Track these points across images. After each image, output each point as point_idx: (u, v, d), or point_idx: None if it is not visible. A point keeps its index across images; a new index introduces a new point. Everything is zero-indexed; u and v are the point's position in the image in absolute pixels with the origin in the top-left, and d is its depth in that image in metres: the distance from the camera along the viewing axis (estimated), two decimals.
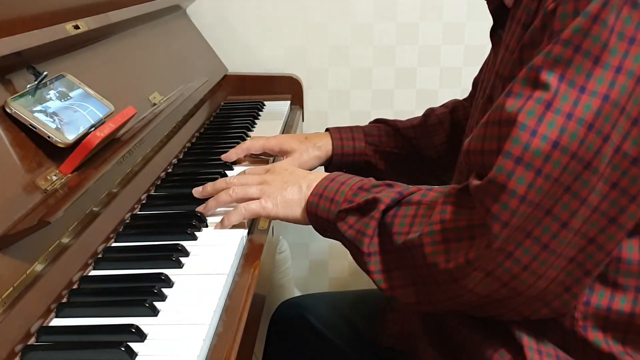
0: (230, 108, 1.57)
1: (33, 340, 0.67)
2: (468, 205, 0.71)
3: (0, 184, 0.70)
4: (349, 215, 0.80)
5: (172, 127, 1.21)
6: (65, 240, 0.78)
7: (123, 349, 0.62)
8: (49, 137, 0.79)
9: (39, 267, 0.72)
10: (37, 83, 0.82)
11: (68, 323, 0.70)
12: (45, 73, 0.83)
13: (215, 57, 1.65)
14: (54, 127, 0.80)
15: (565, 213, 0.65)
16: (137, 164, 1.02)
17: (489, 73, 0.85)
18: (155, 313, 0.70)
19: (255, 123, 1.45)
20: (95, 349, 0.65)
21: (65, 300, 0.74)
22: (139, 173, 1.01)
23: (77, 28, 0.94)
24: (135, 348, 0.64)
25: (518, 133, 0.65)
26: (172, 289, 0.75)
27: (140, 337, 0.65)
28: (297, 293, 1.81)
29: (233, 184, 0.92)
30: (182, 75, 1.36)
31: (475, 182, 0.69)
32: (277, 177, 0.91)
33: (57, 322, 0.70)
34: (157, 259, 0.81)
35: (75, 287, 0.77)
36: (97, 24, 1.01)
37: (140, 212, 0.97)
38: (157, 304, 0.71)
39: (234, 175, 0.96)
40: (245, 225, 0.90)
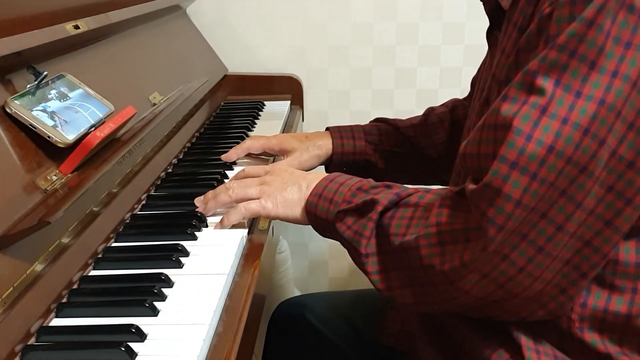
0: (230, 108, 1.57)
1: (33, 340, 0.67)
2: (464, 209, 0.71)
3: (0, 184, 0.70)
4: (347, 216, 0.80)
5: (172, 127, 1.21)
6: (65, 240, 0.78)
7: (123, 349, 0.62)
8: (49, 137, 0.79)
9: (39, 267, 0.72)
10: (37, 83, 0.82)
11: (68, 323, 0.70)
12: (45, 73, 0.83)
13: (215, 57, 1.65)
14: (54, 127, 0.80)
15: (561, 216, 0.65)
16: (137, 164, 1.02)
17: (486, 74, 0.85)
18: (155, 313, 0.70)
19: (255, 123, 1.45)
20: (95, 349, 0.65)
21: (65, 300, 0.74)
22: (139, 173, 1.01)
23: (77, 28, 0.94)
24: (135, 348, 0.64)
25: (513, 138, 0.64)
26: (172, 289, 0.75)
27: (140, 337, 0.65)
28: (297, 293, 1.81)
29: (233, 187, 0.92)
30: (182, 75, 1.36)
31: (471, 186, 0.69)
32: (276, 177, 0.91)
33: (57, 322, 0.70)
34: (157, 259, 0.81)
35: (75, 287, 0.77)
36: (97, 24, 1.01)
37: (140, 212, 0.97)
38: (157, 304, 0.71)
39: (234, 178, 0.96)
40: (245, 225, 0.90)
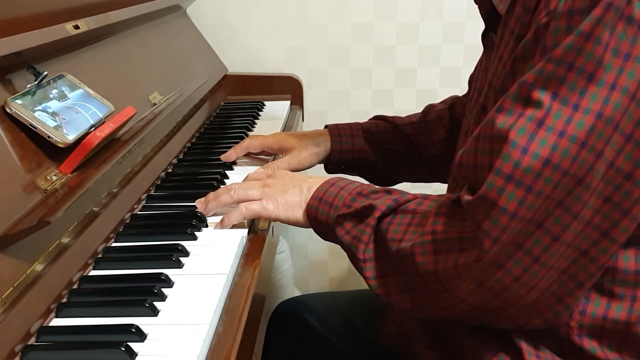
0: (230, 108, 1.57)
1: (33, 340, 0.67)
2: (460, 217, 0.71)
3: (0, 184, 0.70)
4: (347, 221, 0.80)
5: (172, 127, 1.21)
6: (65, 240, 0.78)
7: (123, 349, 0.62)
8: (49, 137, 0.79)
9: (39, 267, 0.72)
10: (37, 83, 0.82)
11: (68, 323, 0.70)
12: (45, 73, 0.83)
13: (215, 57, 1.65)
14: (54, 127, 0.80)
15: (557, 227, 0.65)
16: (137, 164, 1.02)
17: (482, 75, 0.85)
18: (155, 313, 0.70)
19: (255, 123, 1.45)
20: (95, 349, 0.65)
21: (65, 300, 0.74)
22: (139, 173, 1.01)
23: (77, 28, 0.94)
24: (135, 348, 0.64)
25: (509, 150, 0.64)
26: (172, 289, 0.75)
27: (140, 337, 0.65)
28: (297, 293, 1.81)
29: (234, 188, 0.92)
30: (182, 75, 1.36)
31: (467, 196, 0.68)
32: (278, 180, 0.91)
33: (57, 322, 0.70)
34: (157, 259, 0.81)
35: (75, 287, 0.77)
36: (97, 24, 1.01)
37: (140, 212, 0.97)
38: (157, 304, 0.71)
39: (236, 182, 0.96)
40: (245, 225, 0.90)
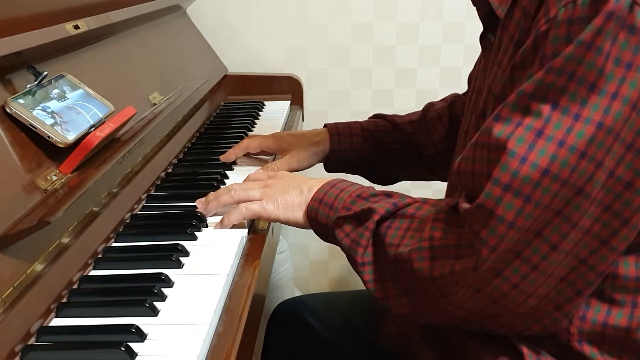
0: (230, 108, 1.57)
1: (33, 340, 0.67)
2: (457, 224, 0.70)
3: (0, 184, 0.70)
4: (346, 223, 0.80)
5: (172, 127, 1.21)
6: (65, 240, 0.78)
7: (123, 349, 0.62)
8: (49, 137, 0.79)
9: (39, 267, 0.72)
10: (37, 83, 0.82)
11: (68, 323, 0.70)
12: (45, 73, 0.83)
13: (215, 57, 1.65)
14: (54, 127, 0.80)
15: (556, 236, 0.64)
16: (137, 164, 1.02)
17: (481, 74, 0.84)
18: (155, 313, 0.70)
19: (255, 123, 1.45)
20: (95, 349, 0.65)
21: (65, 300, 0.74)
22: (139, 173, 1.01)
23: (77, 28, 0.94)
24: (135, 348, 0.64)
25: (507, 160, 0.64)
26: (172, 289, 0.75)
27: (140, 337, 0.65)
28: (297, 293, 1.81)
29: (235, 189, 0.92)
30: (182, 75, 1.36)
31: (465, 205, 0.68)
32: (278, 181, 0.91)
33: (57, 322, 0.70)
34: (157, 259, 0.81)
35: (75, 287, 0.77)
36: (97, 24, 1.01)
37: (140, 212, 0.97)
38: (157, 304, 0.71)
39: (237, 182, 0.97)
40: (245, 225, 0.90)
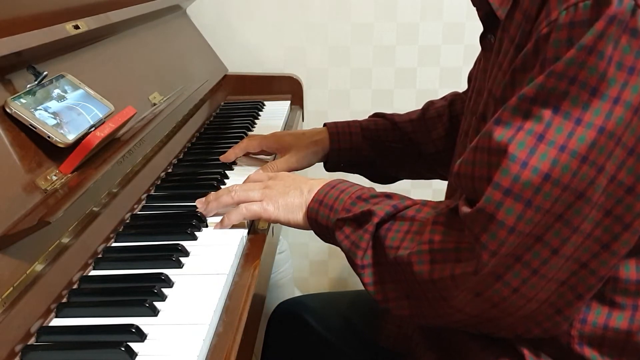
0: (230, 108, 1.57)
1: (33, 340, 0.67)
2: (457, 227, 0.70)
3: (0, 184, 0.70)
4: (346, 225, 0.80)
5: (172, 127, 1.21)
6: (65, 240, 0.78)
7: (123, 349, 0.62)
8: (49, 137, 0.79)
9: (39, 267, 0.72)
10: (37, 83, 0.82)
11: (68, 323, 0.70)
12: (45, 73, 0.83)
13: (215, 57, 1.65)
14: (54, 127, 0.80)
15: (557, 240, 0.64)
16: (137, 164, 1.02)
17: (481, 74, 0.84)
18: (155, 313, 0.70)
19: (255, 123, 1.45)
20: (95, 349, 0.65)
21: (65, 300, 0.74)
22: (139, 173, 1.01)
23: (77, 28, 0.94)
24: (135, 348, 0.64)
25: (508, 164, 0.63)
26: (172, 289, 0.75)
27: (140, 337, 0.65)
28: (297, 293, 1.81)
29: (235, 189, 0.92)
30: (182, 75, 1.36)
31: (465, 208, 0.68)
32: (279, 182, 0.91)
33: (57, 322, 0.70)
34: (157, 259, 0.81)
35: (75, 287, 0.77)
36: (97, 24, 1.01)
37: (140, 212, 0.97)
38: (157, 304, 0.71)
39: (237, 184, 0.96)
40: (246, 226, 0.90)
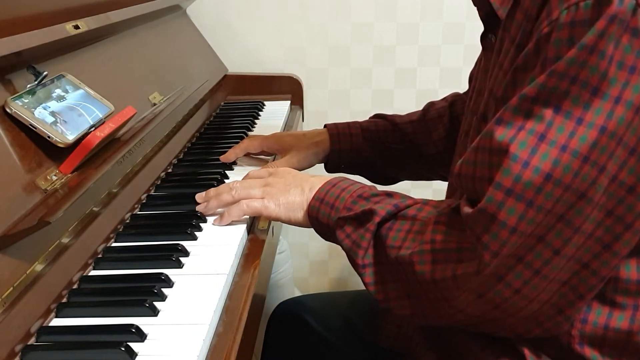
0: (230, 108, 1.57)
1: (33, 340, 0.67)
2: (459, 227, 0.70)
3: (0, 184, 0.70)
4: (347, 224, 0.80)
5: (172, 127, 1.21)
6: (65, 240, 0.78)
7: (123, 349, 0.62)
8: (49, 137, 0.79)
9: (39, 267, 0.72)
10: (37, 83, 0.82)
11: (68, 323, 0.70)
12: (45, 73, 0.83)
13: (215, 57, 1.65)
14: (54, 127, 0.80)
15: (558, 241, 0.64)
16: (137, 164, 1.02)
17: (482, 74, 0.84)
18: (155, 313, 0.70)
19: (255, 123, 1.45)
20: (95, 349, 0.65)
21: (65, 300, 0.74)
22: (139, 173, 1.01)
23: (77, 28, 0.94)
24: (135, 348, 0.64)
25: (509, 164, 0.63)
26: (172, 289, 0.75)
27: (140, 337, 0.65)
28: (297, 293, 1.81)
29: (236, 187, 0.92)
30: (182, 75, 1.36)
31: (467, 209, 0.68)
32: (279, 180, 0.91)
33: (57, 322, 0.70)
34: (157, 259, 0.81)
35: (75, 287, 0.77)
36: (97, 24, 1.01)
37: (140, 212, 0.97)
38: (157, 304, 0.71)
39: (237, 180, 0.96)
40: (246, 222, 0.90)
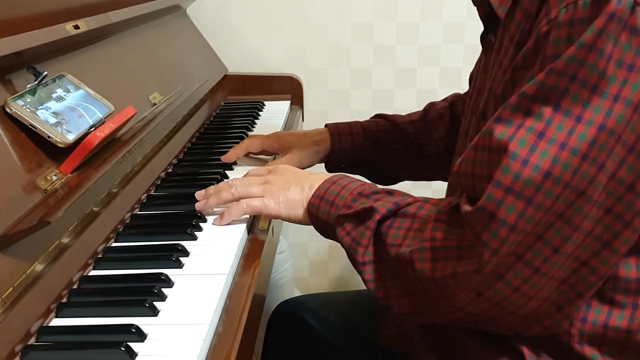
0: (230, 108, 1.57)
1: (33, 340, 0.67)
2: (459, 225, 0.70)
3: (0, 184, 0.70)
4: (347, 222, 0.80)
5: (172, 127, 1.21)
6: (65, 240, 0.78)
7: (123, 349, 0.62)
8: (49, 137, 0.79)
9: (39, 267, 0.72)
10: (37, 83, 0.82)
11: (68, 323, 0.70)
12: (45, 73, 0.83)
13: (215, 57, 1.65)
14: (54, 127, 0.80)
15: (558, 239, 0.64)
16: (137, 164, 1.02)
17: (482, 74, 0.84)
18: (155, 313, 0.70)
19: (255, 123, 1.45)
20: (95, 349, 0.65)
21: (65, 300, 0.74)
22: (139, 173, 1.01)
23: (77, 28, 0.94)
24: (135, 348, 0.64)
25: (508, 162, 0.64)
26: (172, 289, 0.75)
27: (140, 337, 0.65)
28: (297, 293, 1.81)
29: (235, 185, 0.92)
30: (182, 75, 1.36)
31: (466, 207, 0.68)
32: (279, 177, 0.91)
33: (57, 322, 0.70)
34: (157, 259, 0.81)
35: (75, 287, 0.77)
36: (97, 24, 1.01)
37: (140, 212, 0.97)
38: (157, 304, 0.71)
39: (237, 178, 0.96)
40: (246, 222, 0.90)
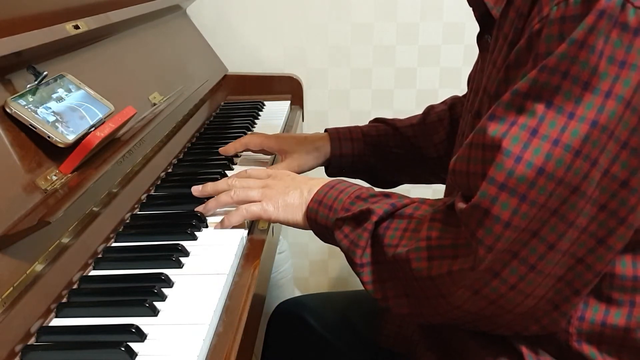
0: (230, 108, 1.57)
1: (33, 340, 0.67)
2: (454, 223, 0.70)
3: (0, 184, 0.70)
4: (345, 225, 0.80)
5: (172, 127, 1.21)
6: (65, 240, 0.78)
7: (123, 349, 0.63)
8: (49, 137, 0.79)
9: (39, 267, 0.72)
10: (37, 83, 0.82)
11: (68, 323, 0.70)
12: (45, 73, 0.83)
13: (215, 57, 1.65)
14: (54, 127, 0.80)
15: (553, 235, 0.64)
16: (137, 164, 1.02)
17: (478, 75, 0.85)
18: (155, 313, 0.70)
19: (255, 123, 1.45)
20: (95, 349, 0.65)
21: (65, 300, 0.74)
22: (139, 173, 1.01)
23: (77, 28, 0.94)
24: (135, 348, 0.64)
25: (502, 159, 0.64)
26: (172, 289, 0.75)
27: (140, 337, 0.65)
28: (297, 293, 1.81)
29: (234, 186, 0.92)
30: (182, 75, 1.36)
31: (461, 204, 0.68)
32: (279, 182, 0.91)
33: (57, 322, 0.70)
34: (157, 259, 0.81)
35: (75, 287, 0.77)
36: (97, 24, 1.01)
37: (140, 212, 0.97)
38: (157, 304, 0.71)
39: (235, 177, 0.96)
40: (245, 226, 0.90)
